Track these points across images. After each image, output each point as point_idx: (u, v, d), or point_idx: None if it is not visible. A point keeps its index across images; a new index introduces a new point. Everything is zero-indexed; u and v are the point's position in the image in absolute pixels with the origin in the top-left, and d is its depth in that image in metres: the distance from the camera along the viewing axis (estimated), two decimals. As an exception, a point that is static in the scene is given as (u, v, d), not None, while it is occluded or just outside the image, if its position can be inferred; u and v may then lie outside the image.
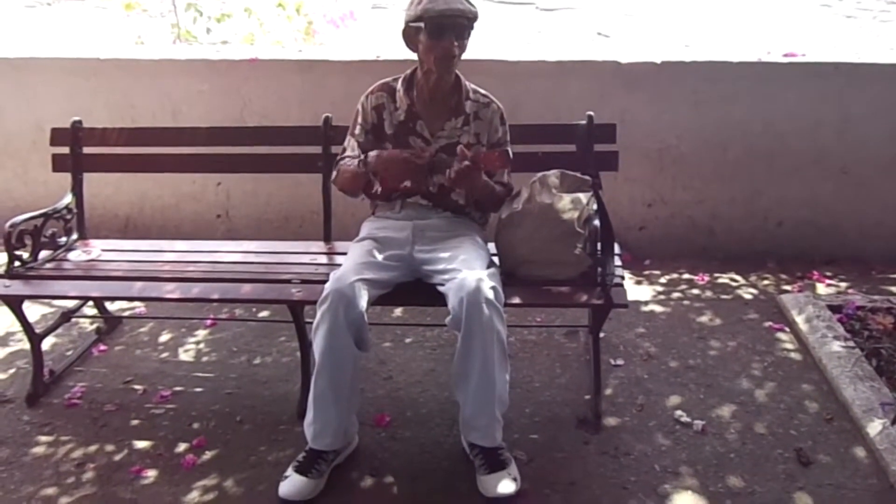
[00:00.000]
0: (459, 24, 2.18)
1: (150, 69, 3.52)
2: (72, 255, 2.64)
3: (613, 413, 2.40)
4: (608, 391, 2.50)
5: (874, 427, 2.22)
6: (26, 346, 2.57)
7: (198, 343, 2.86)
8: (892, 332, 2.66)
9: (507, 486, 2.02)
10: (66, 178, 2.77)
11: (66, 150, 2.75)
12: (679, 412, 2.39)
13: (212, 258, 2.59)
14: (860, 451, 2.20)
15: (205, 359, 2.76)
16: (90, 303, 2.85)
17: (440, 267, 2.18)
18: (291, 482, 2.07)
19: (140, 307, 3.07)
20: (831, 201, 3.41)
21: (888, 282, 3.19)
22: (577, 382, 2.56)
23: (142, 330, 2.95)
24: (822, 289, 3.15)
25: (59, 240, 2.67)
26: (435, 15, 2.14)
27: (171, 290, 2.35)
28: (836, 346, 2.59)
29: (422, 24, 2.17)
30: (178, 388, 2.58)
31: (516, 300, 2.24)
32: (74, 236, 2.74)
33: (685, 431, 2.31)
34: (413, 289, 2.28)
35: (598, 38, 8.22)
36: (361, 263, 2.16)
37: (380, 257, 2.22)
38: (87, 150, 2.76)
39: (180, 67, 3.52)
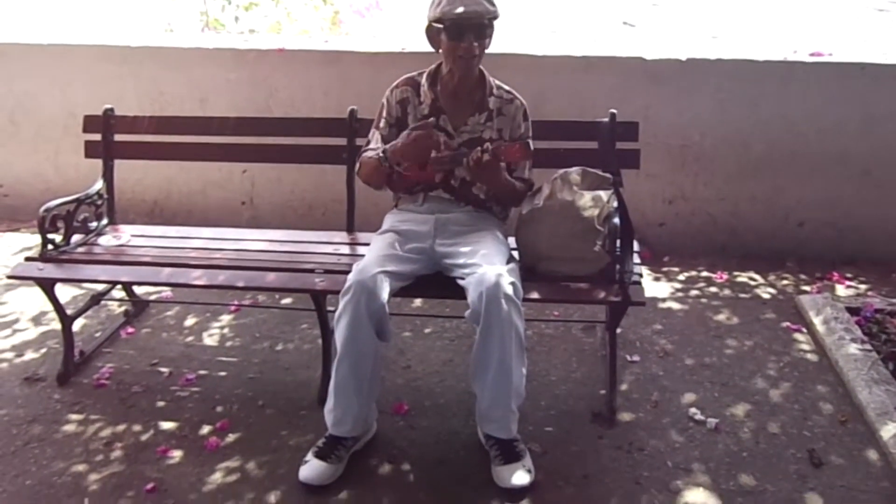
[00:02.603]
0: (479, 25, 2.20)
1: (180, 57, 3.58)
2: (102, 240, 2.71)
3: (628, 409, 2.43)
4: (623, 387, 2.53)
5: (888, 430, 2.24)
6: (57, 326, 2.66)
7: (222, 328, 2.93)
8: (910, 336, 2.67)
9: (521, 478, 2.07)
10: (96, 162, 2.84)
11: (97, 136, 2.81)
12: (693, 409, 2.41)
13: (237, 246, 2.64)
14: (873, 454, 2.22)
15: (228, 343, 2.83)
16: (119, 286, 2.93)
17: (461, 261, 2.22)
18: (311, 467, 2.13)
19: (167, 291, 3.14)
20: (853, 202, 3.40)
21: (909, 285, 3.19)
22: (593, 377, 2.60)
23: (168, 314, 3.03)
24: (841, 290, 3.15)
25: (90, 224, 2.74)
26: (454, 17, 2.17)
27: (197, 277, 2.41)
28: (853, 348, 2.60)
29: (442, 26, 2.20)
30: (202, 372, 2.65)
31: (535, 295, 2.27)
32: (105, 221, 2.81)
33: (699, 429, 2.34)
34: (433, 281, 2.32)
35: (623, 28, 8.17)
36: (384, 255, 2.21)
37: (402, 250, 2.26)
38: (118, 137, 2.82)
39: (208, 56, 3.57)
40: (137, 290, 3.06)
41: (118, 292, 3.00)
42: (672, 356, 2.71)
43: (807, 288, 3.17)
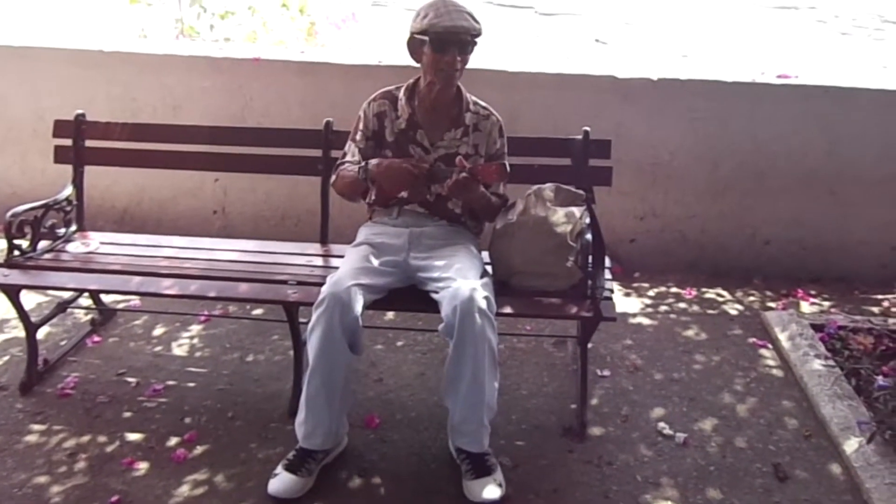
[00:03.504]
0: (463, 40, 2.23)
1: (154, 63, 3.55)
2: (70, 247, 2.67)
3: (598, 423, 2.45)
4: (594, 401, 2.55)
5: (851, 445, 2.29)
6: (21, 334, 2.61)
7: (191, 338, 2.90)
8: (871, 353, 2.73)
9: (492, 492, 2.08)
10: (65, 167, 2.80)
11: (68, 142, 2.77)
12: (662, 424, 2.45)
13: (209, 255, 2.62)
14: (836, 468, 2.27)
15: (198, 354, 2.80)
16: (86, 294, 2.88)
17: (435, 274, 2.22)
18: (281, 480, 2.11)
19: (135, 300, 3.09)
20: (818, 221, 3.48)
21: (870, 302, 3.27)
22: (564, 391, 2.62)
23: (136, 323, 2.98)
24: (805, 307, 3.22)
25: (58, 231, 2.70)
26: (440, 31, 2.19)
27: (168, 286, 2.38)
28: (817, 364, 2.66)
29: (426, 38, 2.22)
30: (170, 382, 2.62)
31: (508, 310, 2.28)
32: (73, 228, 2.77)
33: (667, 443, 2.37)
34: (407, 294, 2.32)
35: (595, 45, 8.28)
36: (358, 268, 2.20)
37: (376, 263, 2.27)
38: (89, 143, 2.79)
39: (183, 63, 3.55)
40: (105, 298, 3.01)
41: (85, 300, 2.95)
42: (642, 371, 2.74)
43: (772, 304, 3.24)
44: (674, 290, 3.36)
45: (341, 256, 2.57)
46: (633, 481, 2.21)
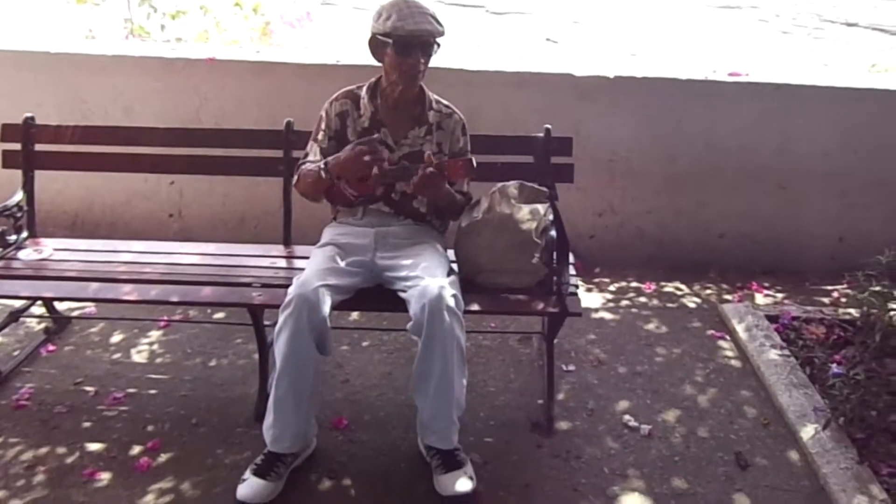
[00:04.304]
0: (426, 43, 2.23)
1: (103, 65, 3.46)
2: (22, 254, 2.59)
3: (565, 417, 2.48)
4: (560, 396, 2.58)
5: (807, 432, 2.36)
6: (-29, 345, 2.52)
7: (151, 344, 2.83)
8: (824, 342, 2.83)
9: (464, 485, 2.08)
10: (8, 174, 2.71)
11: (16, 146, 2.68)
12: (627, 416, 2.49)
13: (169, 259, 2.57)
14: (794, 455, 2.34)
15: (158, 360, 2.74)
16: (38, 302, 2.79)
17: (402, 273, 2.22)
18: (249, 485, 2.08)
19: (90, 307, 3.01)
20: (770, 215, 3.58)
21: (821, 293, 3.38)
22: (531, 387, 2.64)
23: (92, 330, 2.90)
24: (760, 299, 3.31)
25: (8, 238, 2.61)
26: (404, 34, 2.18)
27: (128, 292, 2.33)
28: (773, 354, 2.74)
29: (389, 40, 2.21)
30: (131, 390, 2.56)
31: (475, 307, 2.29)
32: (25, 234, 2.69)
33: (633, 435, 2.41)
34: (373, 294, 2.32)
35: (546, 44, 8.37)
36: (324, 269, 2.19)
37: (342, 263, 2.25)
38: (38, 146, 2.70)
39: (134, 64, 3.47)
40: (59, 306, 2.93)
41: (38, 308, 2.86)
42: (606, 365, 2.78)
43: (729, 297, 3.32)
44: (634, 284, 3.42)
45: (305, 258, 2.54)
46: (601, 474, 2.24)
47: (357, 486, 2.17)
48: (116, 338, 2.86)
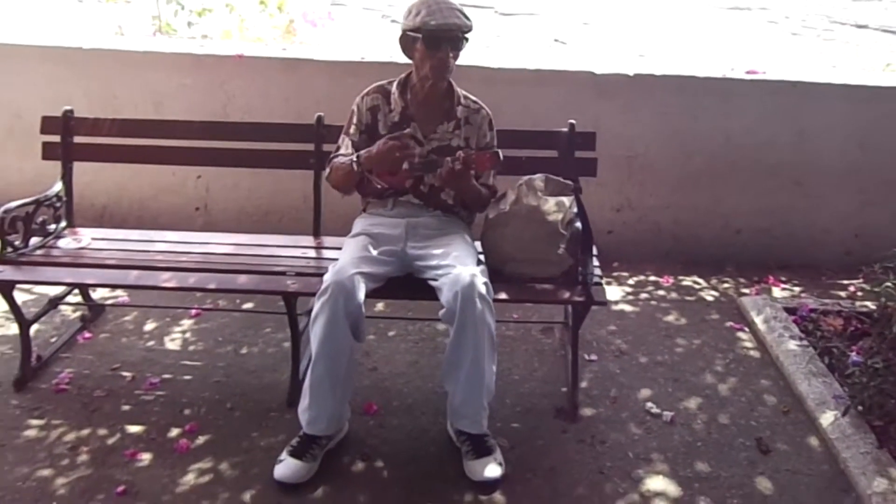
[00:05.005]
0: (455, 37, 2.30)
1: (134, 61, 3.54)
2: (61, 243, 2.67)
3: (589, 404, 2.55)
4: (583, 384, 2.65)
5: (826, 418, 2.42)
6: (7, 331, 2.60)
7: (183, 332, 2.91)
8: (841, 333, 2.89)
9: (493, 471, 2.15)
10: (41, 165, 2.80)
11: (56, 138, 2.77)
12: (650, 404, 2.55)
13: (203, 249, 2.64)
14: (814, 441, 2.40)
15: (191, 348, 2.82)
16: (74, 291, 2.88)
17: (433, 262, 2.29)
18: (286, 465, 2.15)
19: (123, 296, 3.09)
20: (785, 211, 3.64)
21: (837, 287, 3.43)
22: (554, 376, 2.71)
23: (126, 318, 2.98)
24: (777, 293, 3.37)
25: (48, 227, 2.69)
26: (433, 28, 2.25)
27: (167, 279, 2.40)
28: (792, 344, 2.80)
29: (419, 35, 2.28)
30: (166, 376, 2.63)
31: (502, 296, 2.36)
32: (63, 224, 2.77)
33: (655, 422, 2.48)
34: (403, 283, 2.39)
35: (555, 45, 8.43)
36: (359, 257, 2.26)
37: (375, 252, 2.32)
38: (76, 139, 2.78)
39: (165, 60, 3.55)
40: (94, 294, 3.01)
41: (72, 297, 2.94)
42: (627, 355, 2.85)
43: (746, 290, 3.38)
44: (652, 278, 3.48)
45: (334, 248, 2.63)
46: (626, 458, 2.31)
47: (389, 468, 2.24)
48: (150, 326, 2.94)
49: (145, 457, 2.25)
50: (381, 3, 8.74)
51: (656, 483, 2.21)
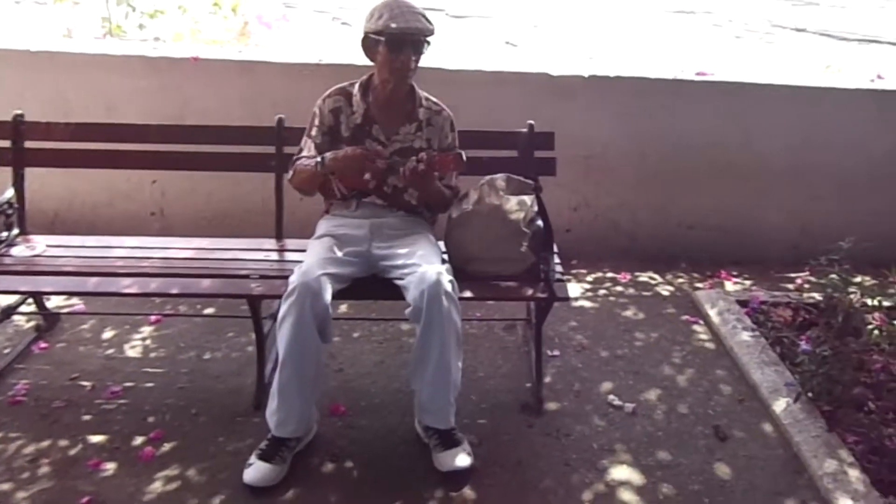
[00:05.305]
0: (417, 41, 2.33)
1: (85, 63, 3.47)
2: (14, 251, 2.60)
3: (553, 399, 2.60)
4: (547, 379, 2.69)
5: (779, 405, 2.52)
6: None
7: (144, 339, 2.87)
8: (790, 324, 3.01)
9: (463, 460, 2.19)
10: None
11: (6, 143, 2.70)
12: (612, 396, 2.62)
13: (164, 254, 2.61)
14: (768, 427, 2.50)
15: (153, 354, 2.78)
16: (28, 300, 2.81)
17: (399, 262, 2.31)
18: (256, 469, 2.15)
19: (79, 304, 3.03)
20: (735, 208, 3.76)
21: (785, 280, 3.57)
22: (518, 372, 2.75)
23: (83, 327, 2.92)
24: (729, 286, 3.49)
25: (0, 235, 2.62)
26: (395, 32, 2.27)
27: (128, 286, 2.37)
28: (745, 336, 2.90)
29: (382, 38, 2.30)
30: (128, 384, 2.59)
31: (466, 294, 2.39)
32: (16, 231, 2.70)
33: (618, 413, 2.54)
34: (368, 283, 2.40)
35: (506, 48, 8.51)
36: (324, 258, 2.27)
37: (339, 253, 2.33)
38: (28, 144, 2.72)
39: (117, 63, 3.48)
40: (49, 303, 2.94)
41: (26, 307, 2.87)
42: (588, 349, 2.91)
43: (700, 285, 3.49)
44: (609, 275, 3.56)
45: (297, 251, 2.64)
46: (591, 449, 2.36)
47: (358, 468, 2.25)
48: (108, 334, 2.89)
49: (109, 466, 2.21)
50: (332, 5, 8.71)
51: (620, 473, 2.27)
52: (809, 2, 12.07)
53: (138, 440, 2.32)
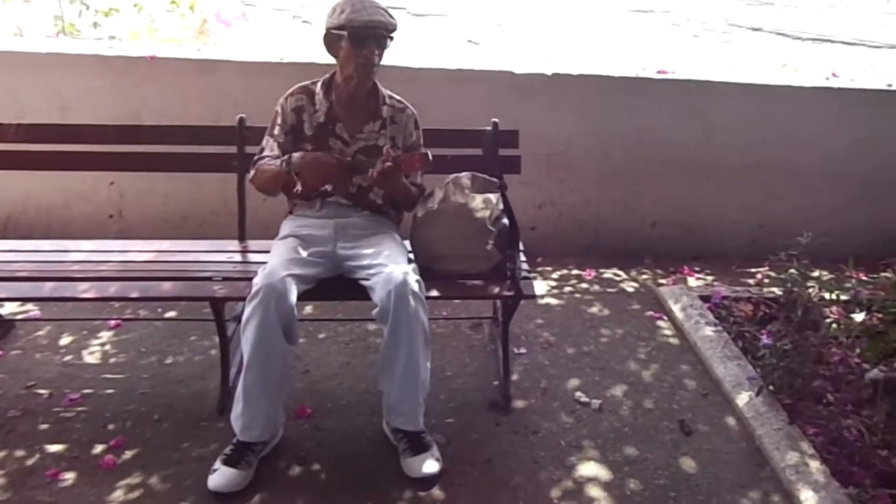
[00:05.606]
0: (380, 35, 2.31)
1: (38, 63, 3.37)
2: (-35, 256, 2.51)
3: (520, 396, 2.60)
4: (514, 377, 2.70)
5: (742, 399, 2.56)
6: None
7: (103, 345, 2.80)
8: (752, 318, 3.06)
9: (431, 466, 2.17)
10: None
11: (-46, 145, 2.61)
12: (579, 393, 2.63)
13: (123, 257, 2.54)
14: (731, 420, 2.53)
15: (112, 360, 2.71)
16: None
17: (365, 262, 2.29)
18: (221, 474, 2.11)
19: (34, 310, 2.94)
20: (696, 205, 3.82)
21: (746, 275, 3.63)
22: (485, 370, 2.75)
23: (39, 333, 2.84)
24: (691, 282, 3.54)
25: (-51, 239, 2.53)
26: (358, 25, 2.25)
27: (85, 290, 2.30)
28: (708, 331, 2.95)
29: (344, 33, 2.28)
30: (87, 391, 2.53)
31: (433, 293, 2.37)
32: (-34, 236, 2.61)
33: (585, 410, 2.56)
34: (334, 284, 2.37)
35: (468, 46, 8.53)
36: (289, 259, 2.24)
37: (304, 253, 2.30)
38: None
39: (71, 62, 3.39)
40: (1, 310, 2.85)
41: (-22, 313, 2.78)
42: (555, 347, 2.92)
43: (663, 281, 3.53)
44: (574, 272, 3.59)
45: (260, 252, 2.60)
46: (559, 446, 2.37)
47: (326, 471, 2.22)
48: (65, 340, 2.81)
49: (69, 476, 2.15)
50: (292, 3, 8.63)
51: (588, 469, 2.28)
52: (765, 1, 12.34)
53: (98, 448, 2.26)
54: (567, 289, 3.42)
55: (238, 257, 2.63)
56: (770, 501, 2.18)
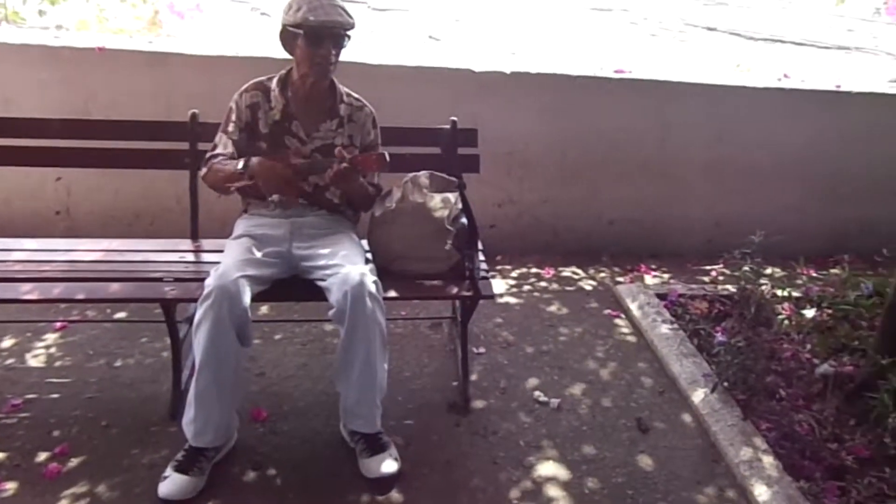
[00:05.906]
0: (337, 35, 2.26)
1: (-22, 53, 3.24)
2: None
3: (480, 396, 2.59)
4: (473, 377, 2.69)
5: (698, 396, 2.59)
6: None
7: (47, 348, 2.70)
8: (707, 316, 3.10)
9: (389, 466, 2.15)
10: None
11: None
12: (537, 392, 2.63)
13: (69, 257, 2.45)
14: (687, 417, 2.56)
15: (58, 364, 2.62)
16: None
17: (321, 262, 2.25)
18: (172, 481, 2.05)
19: (-25, 312, 2.83)
20: (653, 203, 3.86)
21: (701, 273, 3.68)
22: (444, 370, 2.73)
23: (-21, 336, 2.73)
24: (649, 280, 3.57)
25: None
26: (315, 25, 2.20)
27: (28, 292, 2.21)
28: (664, 328, 2.97)
29: (301, 31, 2.23)
30: (30, 396, 2.44)
31: (391, 293, 2.34)
32: None
33: (544, 409, 2.56)
34: (289, 285, 2.33)
35: (429, 42, 8.49)
36: (242, 260, 2.18)
37: (259, 254, 2.25)
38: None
39: (14, 52, 3.27)
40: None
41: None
42: (514, 346, 2.92)
43: (621, 279, 3.56)
44: (534, 270, 3.59)
45: (214, 251, 2.53)
46: (518, 447, 2.36)
47: (282, 476, 2.18)
48: (7, 343, 2.71)
49: (10, 486, 2.06)
50: (251, -6, 8.48)
51: (547, 469, 2.28)
52: (719, 1, 12.54)
53: (42, 456, 2.18)
54: (526, 287, 3.42)
55: (190, 257, 2.56)
56: (725, 497, 2.21)
